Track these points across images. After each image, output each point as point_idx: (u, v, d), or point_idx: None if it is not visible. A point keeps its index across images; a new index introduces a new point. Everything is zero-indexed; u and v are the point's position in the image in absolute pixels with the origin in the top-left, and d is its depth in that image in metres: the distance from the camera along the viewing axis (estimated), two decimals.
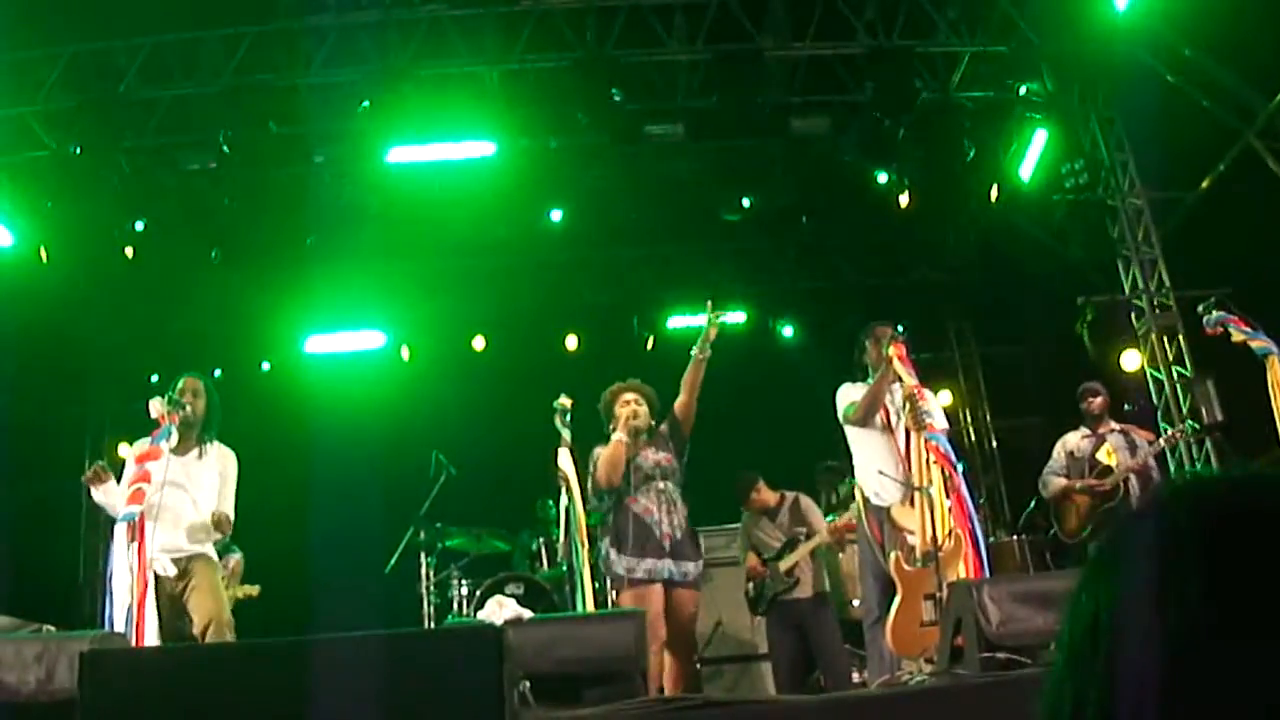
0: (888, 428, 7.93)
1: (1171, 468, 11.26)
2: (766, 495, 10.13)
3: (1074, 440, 10.16)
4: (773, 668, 10.12)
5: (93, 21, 10.76)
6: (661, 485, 7.63)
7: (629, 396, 7.89)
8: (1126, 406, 11.49)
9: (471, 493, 11.27)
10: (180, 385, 7.66)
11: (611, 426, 7.72)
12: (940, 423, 7.72)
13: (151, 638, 6.83)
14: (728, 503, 11.33)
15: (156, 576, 7.07)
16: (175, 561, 7.28)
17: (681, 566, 7.51)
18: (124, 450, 9.32)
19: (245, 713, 4.17)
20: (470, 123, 11.57)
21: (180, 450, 7.50)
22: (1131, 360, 12.13)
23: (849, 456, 8.25)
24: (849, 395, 8.12)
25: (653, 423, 7.91)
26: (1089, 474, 9.94)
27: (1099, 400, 10.20)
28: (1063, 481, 10.05)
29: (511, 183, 12.49)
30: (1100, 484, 9.78)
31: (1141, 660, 0.89)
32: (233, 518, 7.64)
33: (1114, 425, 10.16)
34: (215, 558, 7.56)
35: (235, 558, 9.68)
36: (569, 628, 6.34)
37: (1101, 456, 9.93)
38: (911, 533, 7.34)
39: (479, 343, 14.93)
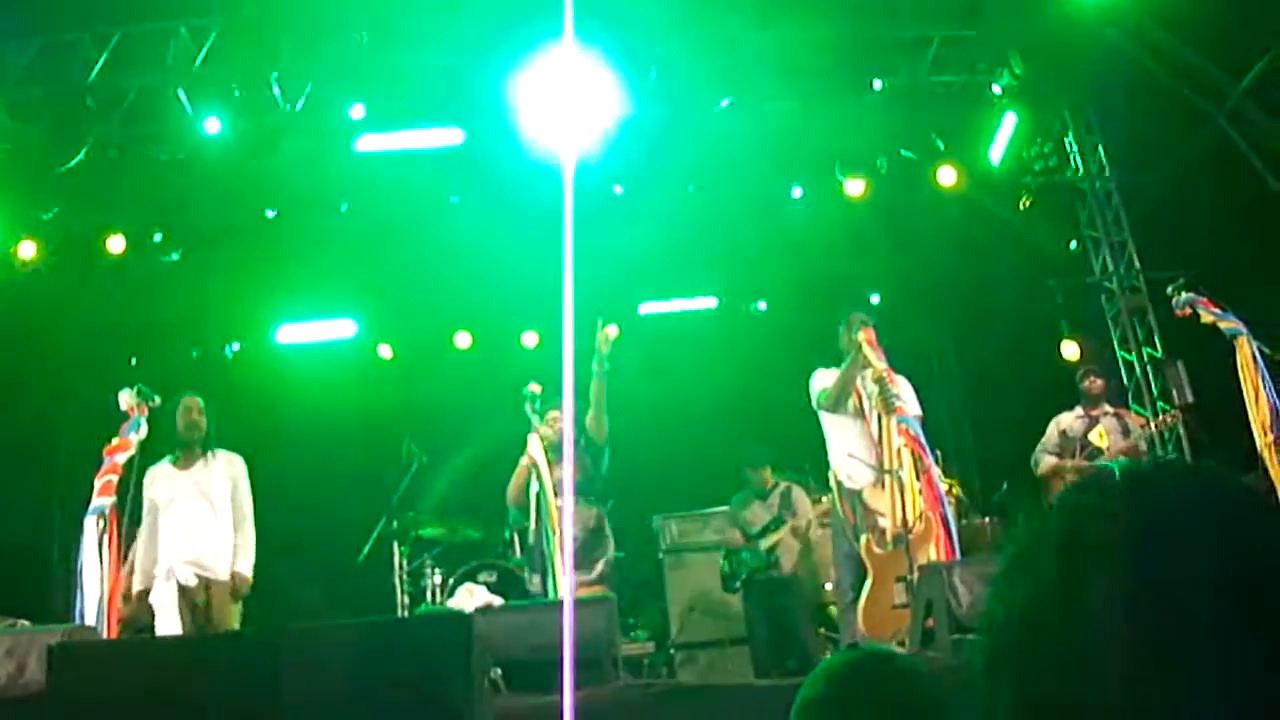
0: (860, 412, 7.95)
1: (1162, 452, 11.32)
2: (767, 476, 10.22)
3: (1068, 419, 10.20)
4: (751, 649, 10.16)
5: (60, 11, 10.68)
6: (560, 502, 7.80)
7: (554, 414, 8.16)
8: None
9: (445, 482, 11.27)
10: (185, 406, 8.15)
11: (533, 430, 7.84)
12: (913, 408, 7.75)
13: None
14: (699, 489, 11.36)
15: (179, 584, 7.62)
16: (198, 576, 7.76)
17: (581, 575, 7.90)
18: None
19: (217, 702, 4.16)
20: (439, 110, 11.56)
21: (184, 465, 8.06)
22: (1070, 350, 12.20)
23: (822, 441, 8.28)
24: (821, 381, 8.15)
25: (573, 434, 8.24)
26: (1079, 454, 9.99)
27: (1098, 382, 10.25)
28: (1054, 460, 10.09)
29: (480, 169, 12.46)
30: (1091, 466, 9.82)
31: (1046, 666, 0.89)
32: (251, 521, 8.21)
33: (1108, 408, 10.22)
34: (231, 578, 7.99)
35: None
36: (541, 614, 6.34)
37: (1093, 438, 9.97)
38: (883, 515, 7.37)
39: (464, 340, 14.88)
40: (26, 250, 11.90)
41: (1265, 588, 0.86)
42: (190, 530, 7.85)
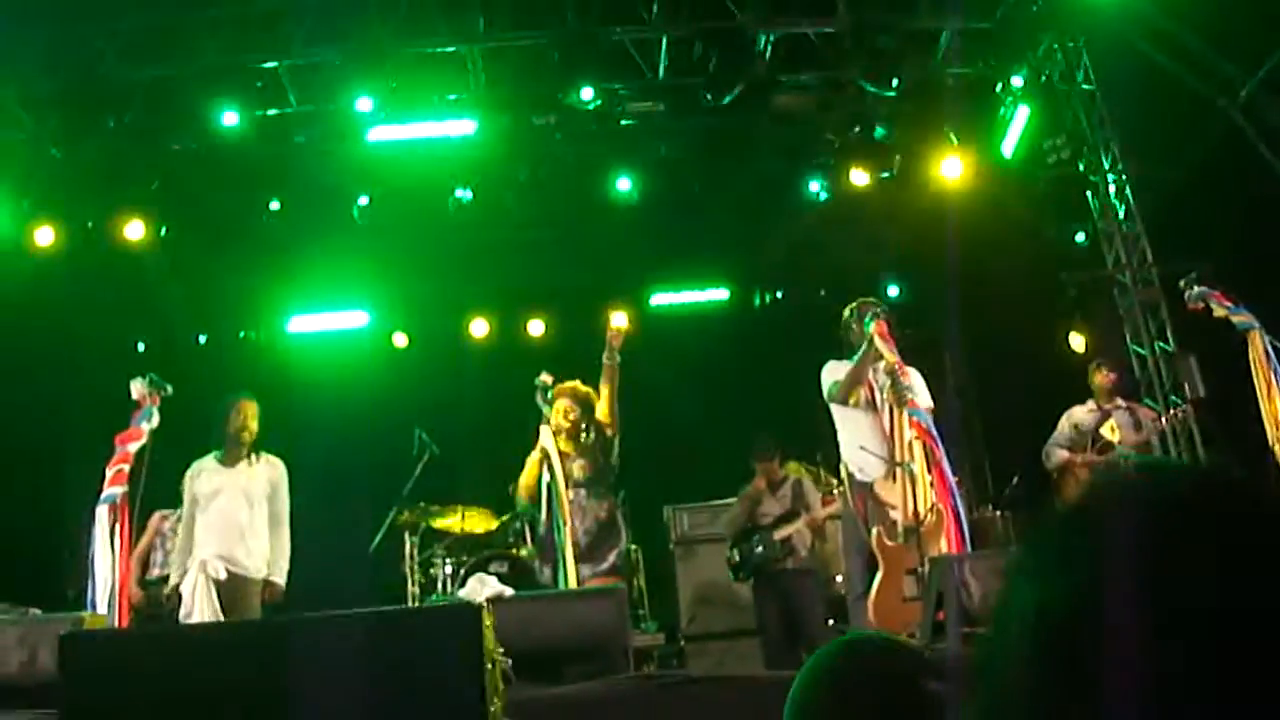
0: (871, 405, 7.93)
1: (1173, 446, 11.31)
2: (776, 468, 10.19)
3: (1080, 413, 10.18)
4: (761, 641, 10.15)
5: (73, 1, 10.69)
6: (573, 495, 7.81)
7: (562, 402, 8.10)
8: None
9: (456, 472, 11.26)
10: (240, 409, 8.38)
11: (544, 420, 7.77)
12: (924, 400, 7.74)
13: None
14: (708, 479, 11.34)
15: (211, 577, 7.76)
16: (229, 570, 7.91)
17: (592, 567, 7.84)
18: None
19: (227, 692, 4.17)
20: (451, 101, 11.57)
21: (229, 463, 8.26)
22: (1077, 342, 12.17)
23: (834, 433, 8.26)
24: (833, 373, 8.12)
25: (582, 424, 8.19)
26: (1091, 448, 9.97)
27: (1111, 376, 10.23)
28: (1065, 454, 10.08)
29: (492, 160, 12.47)
30: (1102, 460, 9.81)
31: (1101, 672, 0.88)
32: (287, 526, 8.41)
33: (1120, 402, 10.19)
34: (259, 577, 8.16)
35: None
36: (551, 605, 6.35)
37: (1105, 432, 9.95)
38: (895, 508, 7.36)
39: (480, 327, 14.91)
40: (44, 237, 11.92)
41: None
42: (227, 526, 8.04)
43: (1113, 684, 0.86)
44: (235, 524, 8.06)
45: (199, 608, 7.60)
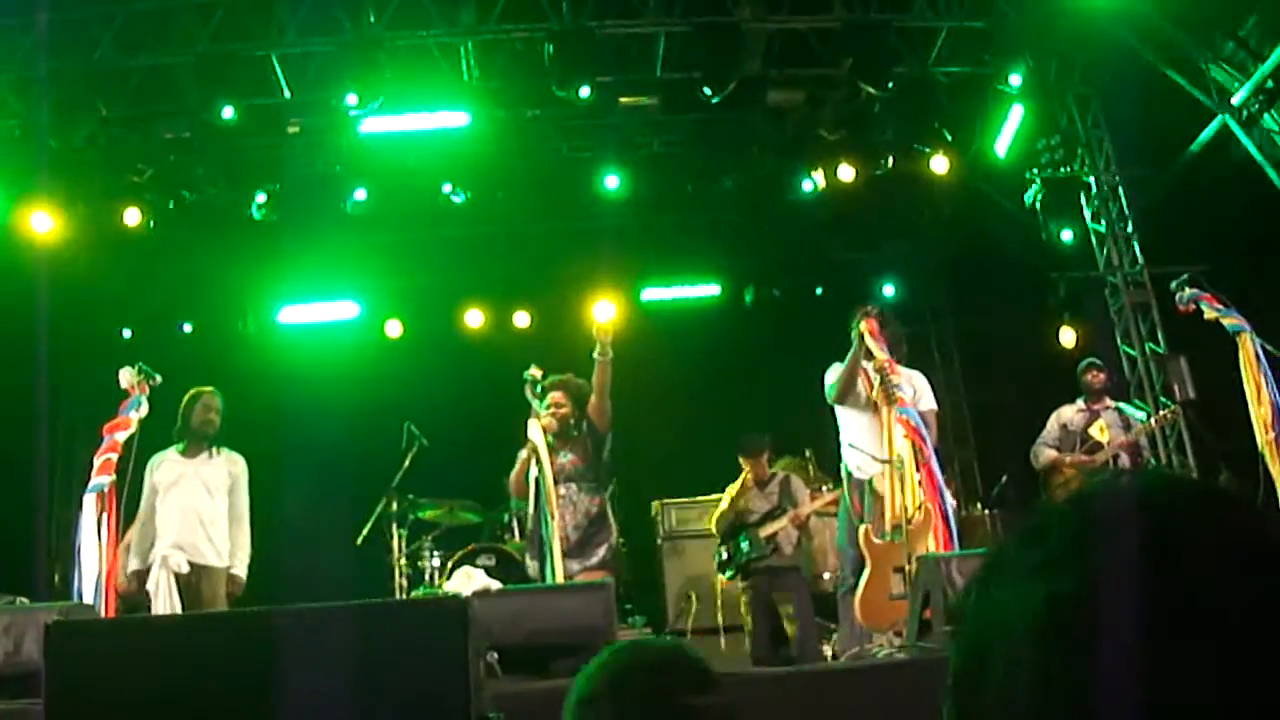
0: (870, 403, 7.96)
1: (1162, 447, 11.35)
2: (764, 466, 10.16)
3: (1069, 413, 10.22)
4: (748, 636, 10.17)
5: None
6: (564, 490, 7.79)
7: (555, 396, 8.06)
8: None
9: (444, 464, 11.25)
10: (204, 402, 8.44)
11: (533, 414, 7.71)
12: (927, 402, 7.80)
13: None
14: (698, 476, 11.35)
15: (172, 570, 7.85)
16: (190, 562, 7.97)
17: (581, 562, 7.79)
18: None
19: (212, 683, 4.15)
20: (444, 93, 11.55)
21: (191, 454, 8.31)
22: (1067, 337, 12.18)
23: (835, 431, 8.30)
24: (832, 375, 8.17)
25: (574, 419, 8.13)
26: (1080, 448, 10.00)
27: (1100, 376, 10.26)
28: (1053, 454, 10.11)
29: (485, 153, 12.45)
30: (1090, 460, 9.84)
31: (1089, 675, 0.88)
32: (247, 520, 8.45)
33: (1109, 402, 10.23)
34: (223, 567, 8.23)
35: None
36: (538, 599, 6.34)
37: (1094, 432, 9.99)
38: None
39: (471, 320, 14.90)
40: (34, 224, 11.86)
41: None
42: (186, 516, 8.08)
43: (1111, 683, 0.86)
44: (194, 513, 8.11)
45: (162, 604, 7.63)
